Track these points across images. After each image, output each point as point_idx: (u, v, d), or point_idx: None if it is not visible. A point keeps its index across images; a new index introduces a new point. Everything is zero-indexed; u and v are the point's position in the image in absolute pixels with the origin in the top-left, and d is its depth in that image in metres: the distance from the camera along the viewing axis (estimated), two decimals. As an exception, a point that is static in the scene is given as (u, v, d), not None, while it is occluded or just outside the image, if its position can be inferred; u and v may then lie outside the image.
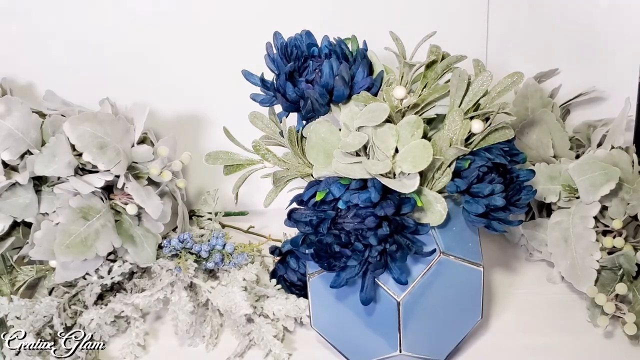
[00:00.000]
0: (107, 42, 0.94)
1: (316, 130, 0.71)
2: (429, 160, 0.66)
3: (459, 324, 0.73)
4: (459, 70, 0.70)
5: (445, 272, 0.69)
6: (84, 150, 0.77)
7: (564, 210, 0.81)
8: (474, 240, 0.72)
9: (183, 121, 0.97)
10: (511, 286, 0.86)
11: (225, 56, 0.93)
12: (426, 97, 0.71)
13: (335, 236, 0.65)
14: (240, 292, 0.76)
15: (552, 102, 0.88)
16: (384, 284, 0.68)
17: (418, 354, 0.71)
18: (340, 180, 0.67)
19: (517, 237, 0.90)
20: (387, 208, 0.64)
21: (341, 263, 0.66)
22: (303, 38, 0.72)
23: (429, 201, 0.68)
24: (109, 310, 0.78)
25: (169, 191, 0.87)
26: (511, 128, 0.69)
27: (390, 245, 0.65)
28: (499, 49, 0.94)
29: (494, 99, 0.70)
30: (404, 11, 0.92)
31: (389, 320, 0.69)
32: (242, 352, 0.77)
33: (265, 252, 0.87)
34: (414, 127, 0.67)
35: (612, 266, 0.78)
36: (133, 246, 0.81)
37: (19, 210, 0.79)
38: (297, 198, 0.68)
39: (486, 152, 0.69)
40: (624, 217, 0.79)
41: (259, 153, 0.75)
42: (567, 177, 0.81)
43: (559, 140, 0.85)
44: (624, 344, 0.76)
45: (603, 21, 0.93)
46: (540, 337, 0.78)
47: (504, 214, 0.69)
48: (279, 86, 0.71)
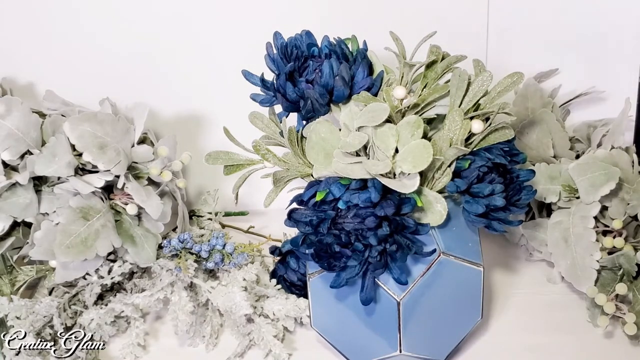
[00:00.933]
0: (107, 42, 0.93)
1: (316, 130, 0.71)
2: (429, 160, 0.66)
3: (459, 324, 0.73)
4: (459, 70, 0.70)
5: (445, 272, 0.69)
6: (84, 150, 0.77)
7: (564, 210, 0.81)
8: (474, 240, 0.72)
9: (183, 121, 0.97)
10: (511, 286, 0.86)
11: (225, 56, 0.93)
12: (426, 97, 0.71)
13: (336, 236, 0.65)
14: (241, 292, 0.76)
15: (552, 102, 0.88)
16: (384, 284, 0.68)
17: (418, 354, 0.71)
18: (341, 180, 0.67)
19: (517, 237, 0.90)
20: (387, 208, 0.64)
21: (341, 263, 0.66)
22: (303, 38, 0.72)
23: (429, 201, 0.68)
24: (109, 310, 0.78)
25: (169, 191, 0.87)
26: (511, 128, 0.69)
27: (390, 245, 0.65)
28: (499, 49, 0.94)
29: (494, 99, 0.70)
30: (404, 11, 0.92)
31: (389, 320, 0.69)
32: (242, 352, 0.77)
33: (266, 252, 0.87)
34: (414, 127, 0.67)
35: (612, 266, 0.78)
36: (133, 246, 0.81)
37: (19, 210, 0.79)
38: (297, 198, 0.68)
39: (486, 152, 0.69)
40: (624, 217, 0.79)
41: (259, 153, 0.75)
42: (567, 177, 0.81)
43: (559, 140, 0.85)
44: (624, 344, 0.76)
45: (603, 21, 0.93)
46: (540, 337, 0.78)
47: (504, 214, 0.69)
48: (279, 86, 0.71)
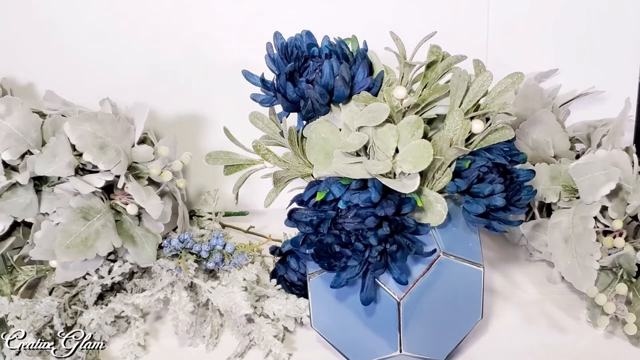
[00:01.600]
0: (108, 43, 0.94)
1: (316, 131, 0.71)
2: (429, 160, 0.65)
3: (459, 324, 0.73)
4: (459, 70, 0.70)
5: (445, 272, 0.69)
6: (84, 150, 0.77)
7: (564, 211, 0.81)
8: (474, 240, 0.72)
9: (183, 121, 0.97)
10: (511, 286, 0.86)
11: (225, 56, 0.93)
12: (426, 97, 0.71)
13: (336, 236, 0.65)
14: (241, 292, 0.76)
15: (552, 102, 0.88)
16: (384, 284, 0.68)
17: (418, 354, 0.71)
18: (341, 181, 0.67)
19: (517, 237, 0.90)
20: (388, 208, 0.64)
21: (341, 263, 0.66)
22: (303, 38, 0.72)
23: (429, 201, 0.68)
24: (109, 310, 0.78)
25: (169, 191, 0.87)
26: (511, 128, 0.69)
27: (391, 245, 0.65)
28: (499, 49, 0.94)
29: (494, 99, 0.70)
30: (404, 11, 0.92)
31: (389, 320, 0.69)
32: (242, 352, 0.77)
33: (266, 252, 0.87)
34: (414, 127, 0.67)
35: (612, 266, 0.78)
36: (133, 246, 0.81)
37: (19, 210, 0.79)
38: (297, 198, 0.68)
39: (486, 152, 0.69)
40: (624, 217, 0.79)
41: (259, 153, 0.75)
42: (568, 177, 0.81)
43: (559, 141, 0.85)
44: (624, 344, 0.76)
45: (603, 21, 0.93)
46: (540, 337, 0.78)
47: (504, 214, 0.69)
48: (280, 86, 0.71)
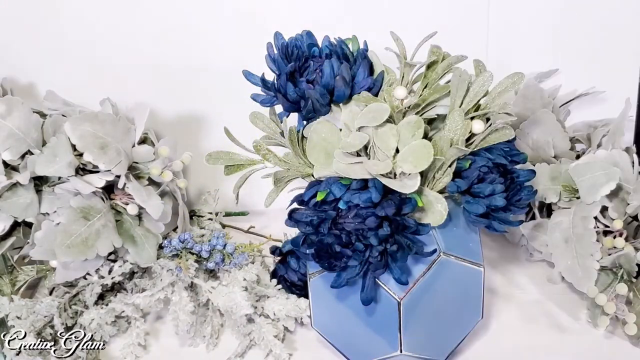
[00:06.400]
0: (108, 43, 0.94)
1: (317, 131, 0.71)
2: (430, 160, 0.66)
3: (460, 324, 0.73)
4: (459, 70, 0.70)
5: (445, 272, 0.69)
6: (84, 150, 0.77)
7: (564, 211, 0.81)
8: (474, 241, 0.72)
9: (184, 121, 0.97)
10: (511, 286, 0.86)
11: (226, 56, 0.93)
12: (427, 97, 0.71)
13: (336, 236, 0.65)
14: (241, 292, 0.76)
15: (553, 102, 0.88)
16: (384, 284, 0.68)
17: (418, 354, 0.71)
18: (341, 181, 0.67)
19: (517, 237, 0.90)
20: (388, 208, 0.64)
21: (342, 263, 0.66)
22: (304, 38, 0.72)
23: (430, 201, 0.68)
24: (110, 310, 0.78)
25: (170, 191, 0.87)
26: (512, 128, 0.69)
27: (391, 245, 0.65)
28: (499, 49, 0.94)
29: (495, 100, 0.70)
30: (404, 11, 0.92)
31: (390, 320, 0.69)
32: (242, 352, 0.77)
33: (266, 252, 0.87)
34: (415, 128, 0.67)
35: (613, 266, 0.78)
36: (134, 246, 0.81)
37: (19, 210, 0.79)
38: (297, 198, 0.68)
39: (487, 152, 0.69)
40: (624, 217, 0.79)
41: (259, 153, 0.75)
42: (568, 177, 0.81)
43: (559, 141, 0.85)
44: (624, 344, 0.76)
45: (603, 21, 0.93)
46: (540, 337, 0.78)
47: (504, 214, 0.69)
48: (280, 86, 0.71)
